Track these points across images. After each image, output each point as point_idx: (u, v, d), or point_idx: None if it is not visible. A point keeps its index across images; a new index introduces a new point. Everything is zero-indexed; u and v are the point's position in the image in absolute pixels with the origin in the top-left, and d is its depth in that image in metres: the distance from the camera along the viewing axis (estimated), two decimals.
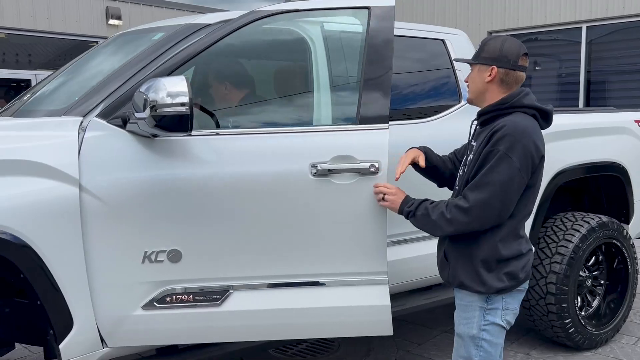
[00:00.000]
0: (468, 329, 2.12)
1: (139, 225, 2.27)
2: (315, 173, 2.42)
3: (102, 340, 2.37)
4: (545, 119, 2.19)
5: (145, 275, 2.30)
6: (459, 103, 3.47)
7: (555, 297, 3.66)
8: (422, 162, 2.40)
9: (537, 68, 10.54)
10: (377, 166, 2.45)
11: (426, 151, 2.49)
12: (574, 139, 3.86)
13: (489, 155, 2.01)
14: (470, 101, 2.28)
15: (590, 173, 3.99)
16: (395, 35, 3.42)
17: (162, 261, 2.29)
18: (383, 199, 2.33)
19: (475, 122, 2.30)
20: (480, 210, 1.99)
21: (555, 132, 3.71)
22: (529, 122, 2.08)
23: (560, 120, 3.92)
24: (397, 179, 2.36)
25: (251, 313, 2.43)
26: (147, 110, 2.02)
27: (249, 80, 2.96)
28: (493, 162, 1.99)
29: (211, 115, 2.60)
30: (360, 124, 2.50)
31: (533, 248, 2.26)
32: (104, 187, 2.24)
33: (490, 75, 2.13)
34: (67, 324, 2.25)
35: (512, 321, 2.16)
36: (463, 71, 3.52)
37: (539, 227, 3.73)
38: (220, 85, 3.13)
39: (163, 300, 2.32)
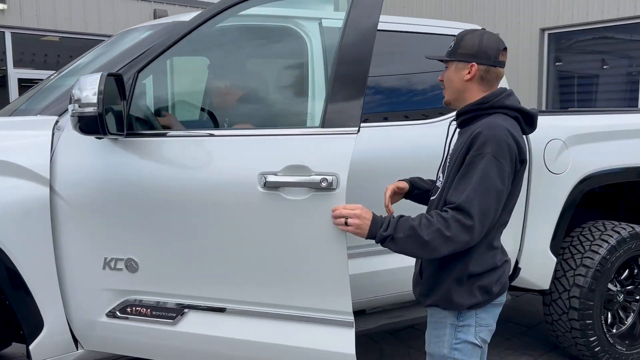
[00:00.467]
0: (439, 348, 1.94)
1: (100, 230, 2.22)
2: (264, 185, 2.09)
3: (77, 342, 2.35)
4: (529, 123, 1.99)
5: (107, 283, 2.24)
6: None
7: (579, 313, 3.38)
8: (388, 192, 2.25)
9: (604, 67, 9.99)
10: (330, 180, 2.02)
11: (413, 180, 2.32)
12: (606, 141, 3.56)
13: (475, 159, 1.82)
14: (447, 103, 2.10)
15: (625, 179, 3.67)
16: (406, 32, 3.28)
17: (120, 269, 2.21)
18: (346, 223, 1.91)
19: (454, 123, 2.12)
20: (481, 223, 1.79)
21: (583, 134, 3.46)
22: (511, 124, 1.91)
23: (590, 121, 3.65)
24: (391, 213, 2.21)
25: (205, 338, 2.23)
26: (70, 109, 1.96)
27: (231, 78, 2.85)
28: (483, 167, 1.79)
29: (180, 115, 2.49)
30: (324, 127, 2.10)
31: (509, 259, 2.06)
32: (71, 188, 2.21)
33: (469, 72, 1.95)
34: (37, 324, 2.24)
35: (488, 339, 1.97)
36: None
37: (562, 237, 3.46)
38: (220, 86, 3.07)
39: (124, 311, 2.25)
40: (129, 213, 2.19)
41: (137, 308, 2.22)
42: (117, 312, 2.24)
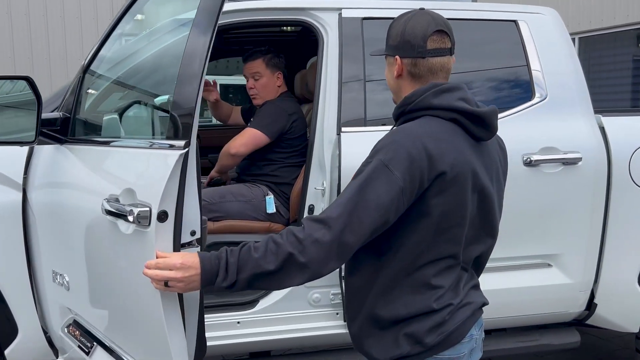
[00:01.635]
0: None
1: (48, 241, 2.15)
2: (105, 211, 1.73)
3: (57, 350, 2.32)
4: (480, 125, 1.50)
5: (57, 296, 2.16)
6: (532, 100, 2.71)
7: None
8: None
9: None
10: (136, 214, 1.53)
11: None
12: None
13: (362, 167, 1.44)
14: (395, 102, 1.68)
15: None
16: (451, 19, 2.81)
17: (62, 285, 2.10)
18: (166, 284, 1.43)
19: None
20: (344, 245, 1.37)
21: None
22: (444, 130, 1.47)
23: None
24: None
25: None
26: None
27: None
28: (367, 175, 1.40)
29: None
30: (167, 138, 1.67)
31: (474, 302, 1.56)
32: (35, 195, 2.18)
33: (395, 68, 1.57)
34: (11, 330, 2.24)
35: None
36: (541, 58, 2.74)
37: None
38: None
39: (69, 328, 2.13)
40: (57, 227, 2.10)
41: (73, 328, 2.09)
42: (65, 329, 2.15)
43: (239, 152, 2.90)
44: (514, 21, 2.79)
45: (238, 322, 2.52)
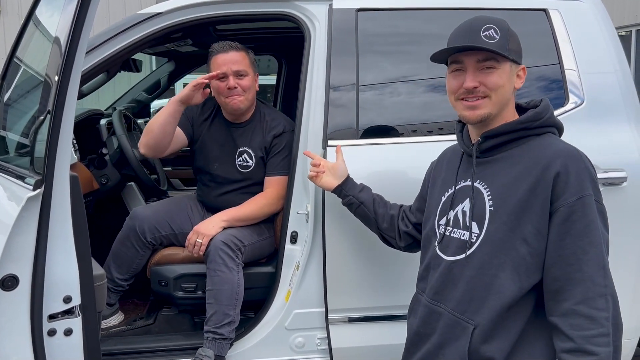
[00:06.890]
0: None
1: None
2: None
3: None
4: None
5: None
6: (564, 106, 2.23)
7: None
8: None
9: None
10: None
11: (353, 185, 1.94)
12: None
13: (577, 209, 1.35)
14: (482, 118, 1.47)
15: None
16: (469, 9, 2.35)
17: None
18: None
19: (464, 153, 1.58)
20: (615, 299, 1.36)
21: None
22: None
23: None
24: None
25: None
26: None
27: None
28: (594, 224, 1.35)
29: None
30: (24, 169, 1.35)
31: None
32: None
33: (522, 80, 1.53)
34: None
35: None
36: (577, 55, 2.26)
37: None
38: None
39: None
40: None
41: None
42: None
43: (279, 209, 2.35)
44: (544, 10, 2.31)
45: None
